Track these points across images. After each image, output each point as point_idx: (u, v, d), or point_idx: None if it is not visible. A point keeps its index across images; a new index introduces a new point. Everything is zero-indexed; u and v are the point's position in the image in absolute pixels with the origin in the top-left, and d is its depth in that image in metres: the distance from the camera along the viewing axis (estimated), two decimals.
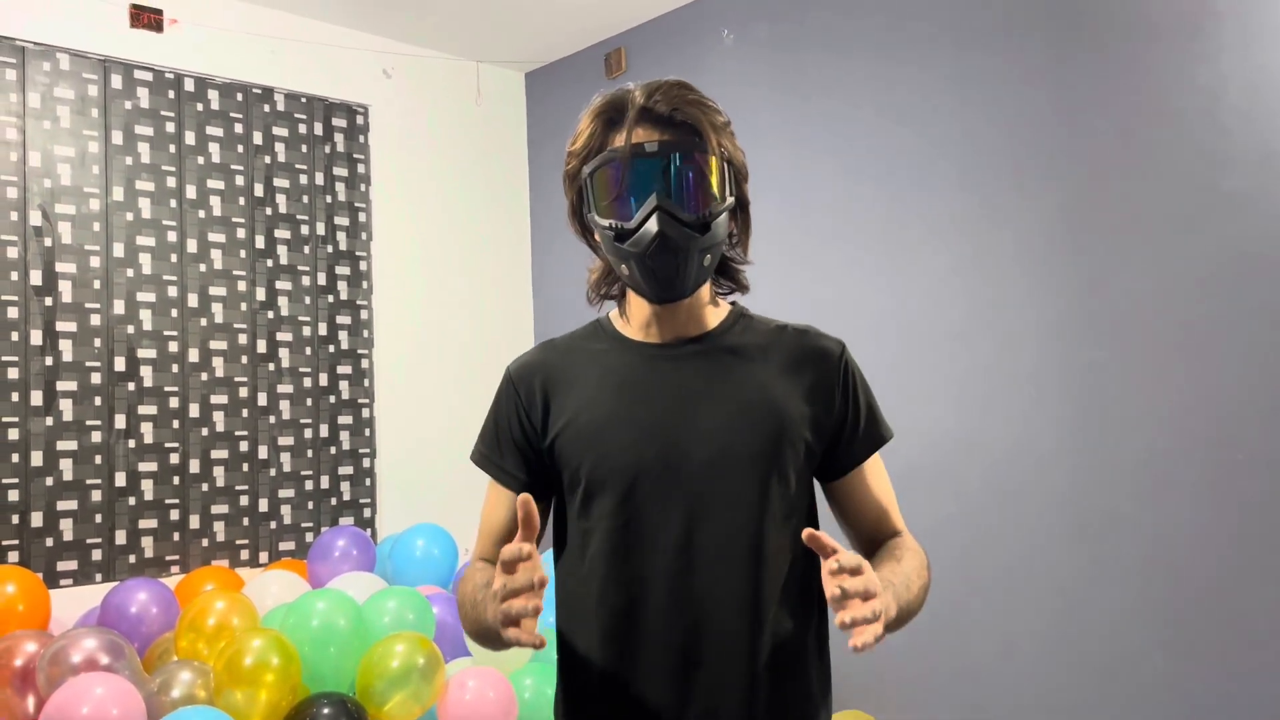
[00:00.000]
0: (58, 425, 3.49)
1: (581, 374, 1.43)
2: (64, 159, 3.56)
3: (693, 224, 1.32)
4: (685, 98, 1.35)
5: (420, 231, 4.41)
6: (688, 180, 1.33)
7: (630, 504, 1.35)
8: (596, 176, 1.37)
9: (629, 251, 1.33)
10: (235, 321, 3.89)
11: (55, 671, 2.78)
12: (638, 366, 1.41)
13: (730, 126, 1.39)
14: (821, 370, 1.41)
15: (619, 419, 1.38)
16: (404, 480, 4.28)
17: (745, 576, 1.33)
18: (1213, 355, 2.71)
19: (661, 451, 1.35)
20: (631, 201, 1.33)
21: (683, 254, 1.32)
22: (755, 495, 1.34)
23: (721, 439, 1.35)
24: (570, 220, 1.48)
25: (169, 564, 3.68)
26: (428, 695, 2.96)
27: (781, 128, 3.74)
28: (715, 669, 1.32)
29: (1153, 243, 2.82)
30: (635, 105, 1.35)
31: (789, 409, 1.37)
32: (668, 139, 1.33)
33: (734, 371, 1.39)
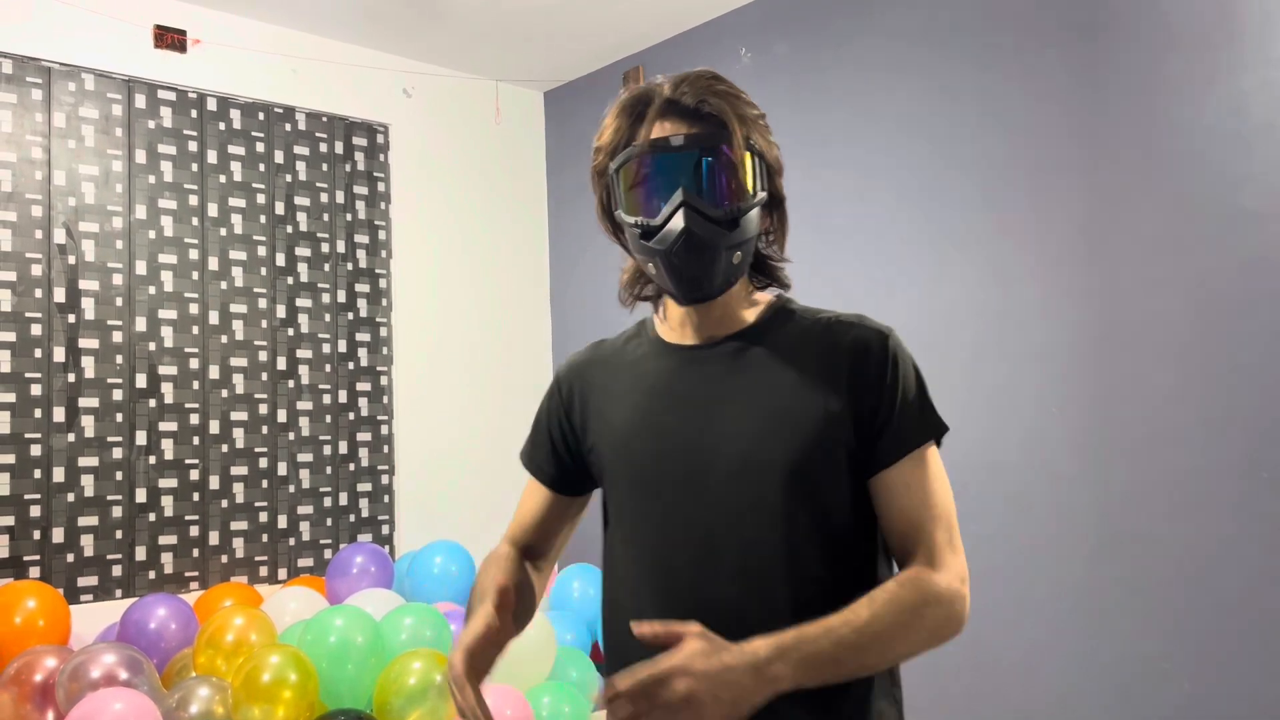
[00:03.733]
0: (79, 441, 3.51)
1: (618, 378, 1.41)
2: (88, 178, 3.60)
3: (720, 219, 1.26)
4: (713, 88, 1.30)
5: (439, 249, 4.43)
6: (715, 175, 1.27)
7: (656, 515, 1.32)
8: (622, 172, 1.32)
9: (655, 249, 1.28)
10: (255, 338, 3.91)
11: (75, 687, 2.79)
12: (668, 370, 1.37)
13: (764, 119, 1.33)
14: (859, 363, 1.28)
15: (647, 427, 1.34)
16: (422, 497, 4.28)
17: (773, 593, 1.24)
18: (1236, 372, 2.68)
19: (685, 462, 1.30)
20: (657, 198, 1.28)
21: (710, 251, 1.26)
22: (781, 505, 1.25)
23: (745, 446, 1.27)
24: (600, 218, 1.42)
25: (188, 580, 3.69)
26: (444, 712, 2.95)
27: (798, 145, 3.74)
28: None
29: (1174, 259, 2.80)
30: (661, 97, 1.30)
31: (820, 410, 1.27)
32: (694, 132, 1.28)
33: (765, 372, 1.31)
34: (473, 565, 3.84)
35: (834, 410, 1.27)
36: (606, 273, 4.50)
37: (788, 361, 1.31)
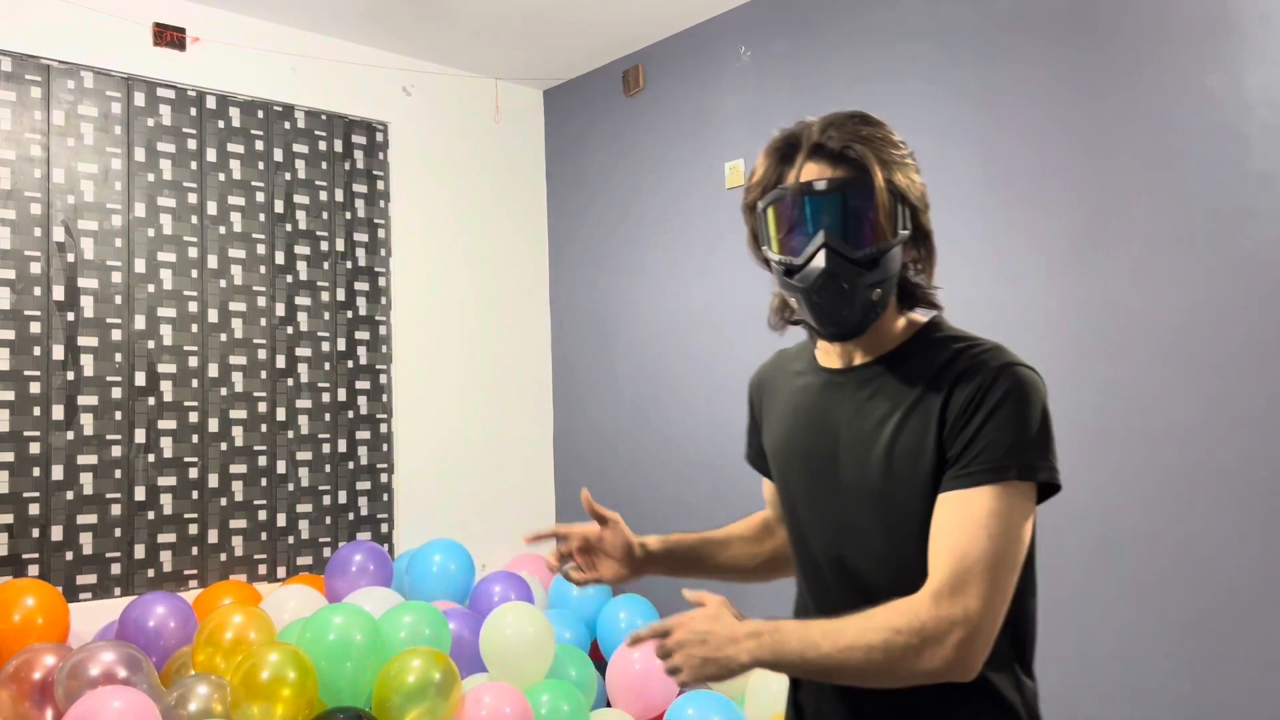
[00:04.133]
0: (78, 439, 3.51)
1: (779, 392, 1.55)
2: (87, 175, 3.60)
3: (860, 260, 1.32)
4: (859, 132, 1.34)
5: (439, 248, 4.43)
6: (856, 217, 1.32)
7: (796, 523, 1.47)
8: (770, 210, 1.38)
9: (798, 287, 1.35)
10: (255, 337, 3.91)
11: (74, 685, 2.79)
12: (813, 391, 1.47)
13: (909, 158, 1.37)
14: (956, 391, 1.30)
15: (789, 443, 1.47)
16: (421, 496, 4.28)
17: (889, 588, 1.29)
18: (1234, 371, 2.69)
19: (814, 478, 1.42)
20: (801, 238, 1.34)
21: (849, 291, 1.32)
22: (893, 523, 1.33)
23: (867, 467, 1.35)
24: (750, 249, 1.49)
25: (187, 578, 3.69)
26: (444, 710, 2.96)
27: None
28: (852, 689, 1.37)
29: (1174, 259, 2.80)
30: (809, 141, 1.35)
31: (923, 438, 1.31)
32: (837, 176, 1.33)
33: (888, 399, 1.36)
34: (471, 564, 3.84)
35: (935, 437, 1.30)
36: (605, 271, 4.50)
37: (912, 388, 1.35)
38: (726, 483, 3.96)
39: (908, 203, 1.36)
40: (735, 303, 3.94)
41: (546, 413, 4.71)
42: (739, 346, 3.93)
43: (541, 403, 4.70)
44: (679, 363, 4.15)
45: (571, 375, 4.65)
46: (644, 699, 3.47)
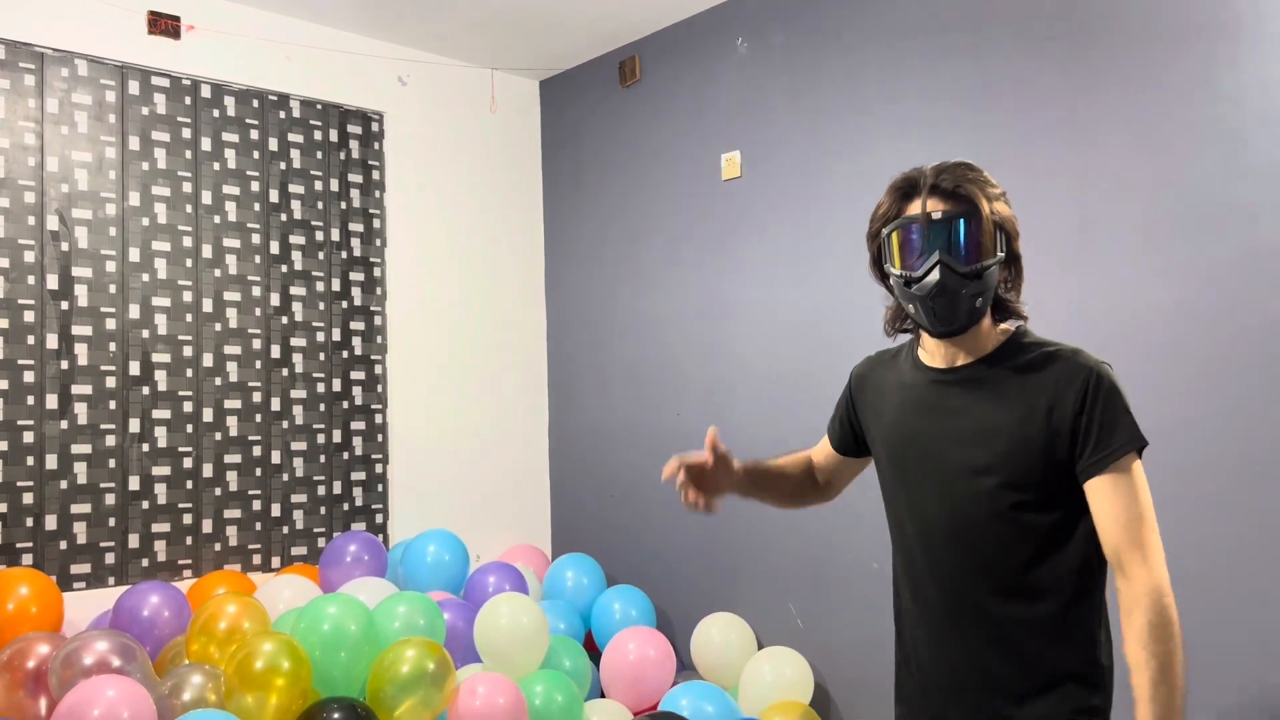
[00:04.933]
0: (72, 429, 3.50)
1: (885, 386, 1.85)
2: (81, 164, 3.59)
3: (967, 274, 1.64)
4: (966, 176, 1.68)
5: (434, 238, 4.43)
6: (964, 240, 1.65)
7: (901, 497, 1.76)
8: (892, 236, 1.71)
9: (915, 295, 1.67)
10: (249, 327, 3.91)
11: (67, 674, 2.79)
12: (920, 387, 1.77)
13: (1005, 196, 1.71)
14: (1066, 391, 1.63)
15: (902, 429, 1.77)
16: (416, 487, 4.28)
17: (989, 565, 1.64)
18: (1231, 366, 2.69)
19: (925, 461, 1.72)
20: (919, 256, 1.67)
21: (957, 298, 1.65)
22: (999, 503, 1.63)
23: (972, 454, 1.66)
24: (871, 269, 1.83)
25: (181, 568, 3.69)
26: (438, 701, 2.96)
27: (792, 134, 3.74)
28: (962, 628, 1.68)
29: (1170, 252, 2.81)
30: (927, 182, 1.69)
31: (1029, 428, 1.63)
32: (950, 208, 1.66)
33: (990, 395, 1.68)
34: (466, 554, 3.84)
35: (1044, 429, 1.62)
36: (600, 262, 4.49)
37: (1010, 386, 1.67)
38: None
39: (1004, 231, 1.69)
40: (731, 295, 3.94)
41: (542, 404, 4.71)
42: (735, 338, 3.93)
43: (537, 394, 4.70)
44: (675, 354, 4.15)
45: (567, 366, 4.65)
46: (638, 689, 3.48)
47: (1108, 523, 1.60)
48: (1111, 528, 1.59)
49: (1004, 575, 1.64)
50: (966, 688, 1.67)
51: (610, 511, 4.39)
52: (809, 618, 3.65)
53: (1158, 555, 1.58)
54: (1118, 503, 1.59)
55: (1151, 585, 1.55)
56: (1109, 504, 1.60)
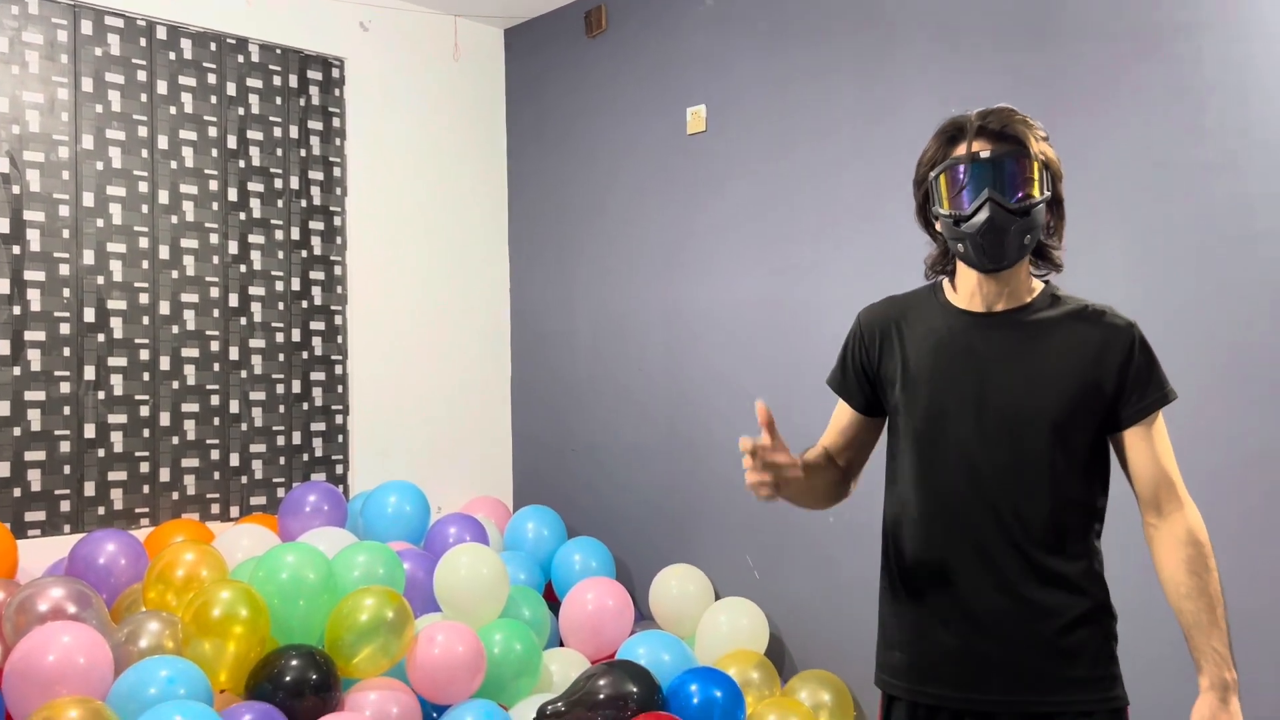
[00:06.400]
0: (25, 375, 3.46)
1: (914, 328, 1.82)
2: (32, 105, 3.50)
3: (1015, 210, 1.67)
4: (1013, 118, 1.72)
5: (395, 188, 4.38)
6: (1012, 178, 1.68)
7: (941, 439, 1.74)
8: (941, 178, 1.74)
9: (965, 233, 1.69)
10: (207, 275, 3.86)
11: (22, 620, 2.78)
12: (957, 330, 1.77)
13: (1049, 140, 1.74)
14: (1110, 343, 1.71)
15: (935, 371, 1.76)
16: (377, 438, 4.27)
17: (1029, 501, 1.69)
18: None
19: (967, 402, 1.72)
20: (968, 195, 1.69)
21: (1006, 234, 1.67)
22: (1041, 443, 1.69)
23: (1017, 396, 1.70)
24: (916, 217, 1.85)
25: (139, 516, 3.67)
26: (396, 648, 2.98)
27: (758, 87, 3.73)
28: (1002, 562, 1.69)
29: (1124, 210, 2.84)
30: (973, 125, 1.72)
31: (1076, 376, 1.69)
32: (997, 148, 1.69)
33: (1035, 342, 1.72)
34: (426, 506, 3.85)
35: (1088, 379, 1.69)
36: (564, 213, 4.47)
37: (1053, 335, 1.72)
38: (684, 426, 3.99)
39: (1050, 170, 1.72)
40: (695, 249, 3.94)
41: (504, 356, 4.70)
42: (698, 289, 3.94)
43: (499, 346, 4.69)
44: (637, 309, 4.16)
45: (530, 318, 4.64)
46: (596, 638, 3.52)
47: (1150, 466, 1.72)
48: (1153, 471, 1.72)
49: (1048, 515, 1.69)
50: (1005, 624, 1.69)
51: (572, 464, 4.41)
52: (765, 570, 3.70)
53: (1188, 495, 1.73)
54: (1158, 447, 1.72)
55: (1195, 519, 1.70)
56: (1149, 448, 1.72)
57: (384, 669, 2.99)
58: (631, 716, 2.97)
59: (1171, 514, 1.72)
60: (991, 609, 1.69)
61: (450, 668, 3.01)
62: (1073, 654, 1.69)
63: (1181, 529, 1.70)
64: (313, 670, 2.82)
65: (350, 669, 2.95)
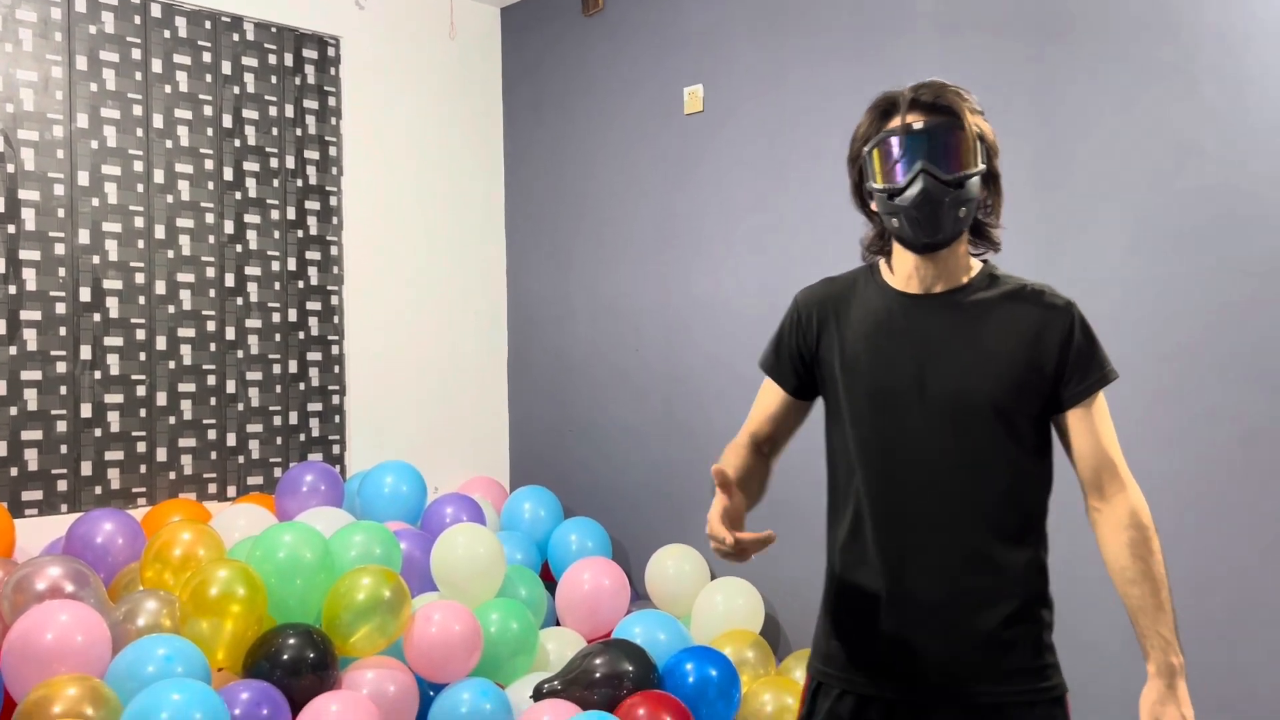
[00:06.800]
0: (21, 355, 3.45)
1: (852, 310, 1.78)
2: (26, 83, 3.49)
3: (950, 182, 1.63)
4: (946, 90, 1.69)
5: (391, 167, 4.37)
6: (946, 150, 1.65)
7: (881, 419, 1.70)
8: (875, 151, 1.70)
9: (899, 206, 1.66)
10: (203, 254, 3.85)
11: (20, 598, 2.78)
12: (896, 311, 1.73)
13: (983, 113, 1.71)
14: (1050, 323, 1.68)
15: (875, 354, 1.72)
16: (373, 418, 4.28)
17: (970, 485, 1.66)
18: (1171, 308, 2.74)
19: (908, 382, 1.68)
20: (902, 168, 1.66)
21: (941, 207, 1.64)
22: (984, 424, 1.66)
23: (958, 378, 1.67)
24: (852, 196, 1.81)
25: (135, 496, 3.67)
26: (393, 628, 2.99)
27: (758, 71, 3.72)
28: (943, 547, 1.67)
29: (1120, 194, 2.84)
30: (906, 98, 1.69)
31: (1017, 356, 1.67)
32: (931, 119, 1.66)
33: (975, 323, 1.69)
34: (423, 486, 3.86)
35: (1029, 360, 1.66)
36: (560, 193, 4.46)
37: (992, 316, 1.69)
38: (679, 407, 3.99)
39: (985, 143, 1.69)
40: (692, 230, 3.94)
41: (501, 337, 4.70)
42: (695, 273, 3.93)
43: (495, 326, 4.69)
44: (634, 289, 4.15)
45: (526, 299, 4.64)
46: (593, 618, 3.53)
47: (1092, 447, 1.69)
48: (1094, 451, 1.69)
49: (990, 497, 1.66)
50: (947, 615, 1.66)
51: (568, 445, 4.42)
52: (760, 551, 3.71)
53: (1131, 476, 1.71)
54: (1100, 428, 1.69)
55: (1139, 500, 1.68)
56: (1091, 430, 1.69)
57: (381, 648, 3.01)
58: (627, 695, 2.99)
59: (1114, 496, 1.69)
60: (934, 599, 1.66)
61: (447, 646, 3.02)
62: (1012, 644, 1.66)
63: (1124, 511, 1.68)
64: (310, 649, 2.83)
65: (347, 648, 2.97)
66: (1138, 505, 1.68)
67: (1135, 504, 1.68)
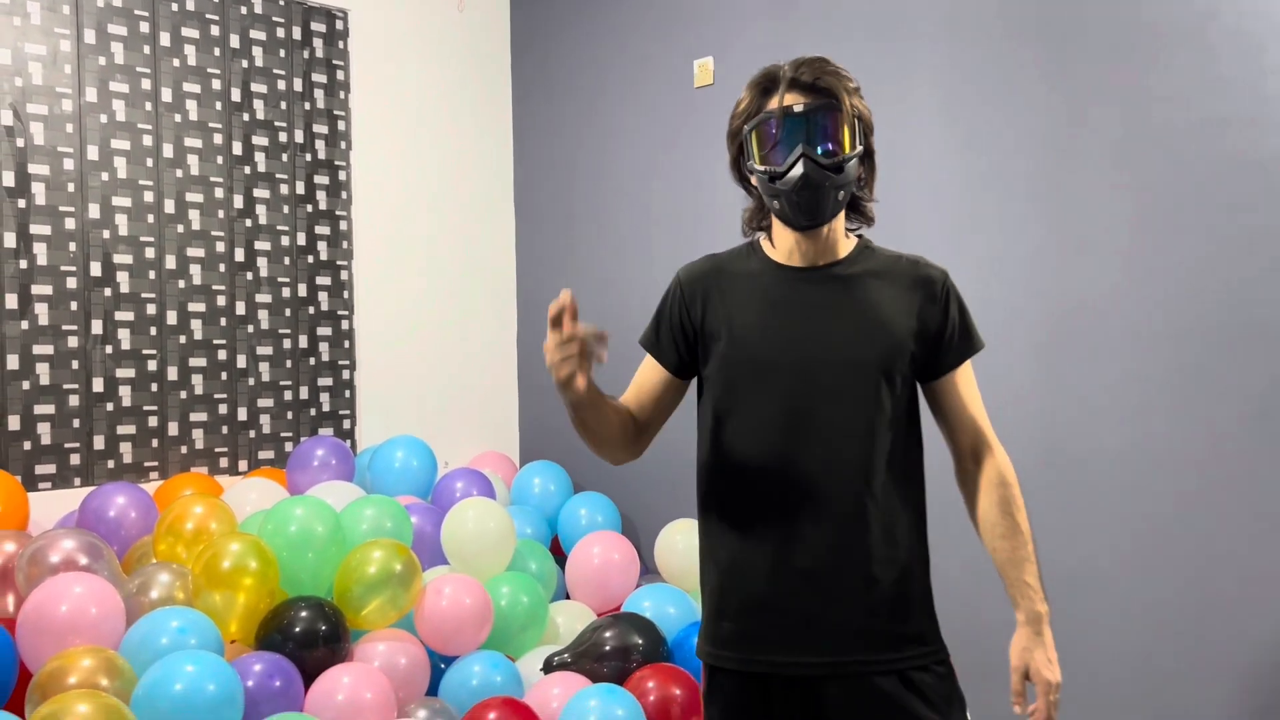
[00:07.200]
0: (33, 329, 3.46)
1: (736, 286, 1.80)
2: (35, 57, 3.48)
3: (830, 166, 1.66)
4: (825, 69, 1.71)
5: (400, 142, 4.35)
6: (826, 133, 1.68)
7: (771, 391, 1.72)
8: (754, 133, 1.72)
9: (780, 190, 1.68)
10: (212, 229, 3.85)
11: (34, 571, 2.80)
12: (781, 286, 1.77)
13: (860, 91, 1.73)
14: (927, 293, 1.75)
15: (761, 328, 1.74)
16: (384, 393, 4.29)
17: (860, 449, 1.69)
18: (1186, 278, 2.72)
19: (795, 355, 1.71)
20: (782, 150, 1.68)
21: (821, 190, 1.67)
22: (870, 390, 1.70)
23: (845, 345, 1.71)
24: (731, 170, 1.83)
25: (148, 470, 3.69)
26: (405, 601, 3.01)
27: (768, 44, 3.69)
28: (835, 516, 1.68)
29: (1133, 164, 2.81)
30: (785, 77, 1.71)
31: (899, 323, 1.72)
32: (810, 101, 1.68)
33: (857, 293, 1.74)
34: (433, 460, 3.87)
35: (907, 323, 1.73)
36: (570, 167, 4.45)
37: (873, 285, 1.75)
38: None
39: (862, 123, 1.72)
40: (701, 200, 3.92)
41: (510, 311, 4.70)
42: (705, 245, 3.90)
43: (505, 301, 4.69)
44: (643, 264, 4.14)
45: (536, 272, 4.63)
46: (602, 592, 3.55)
47: (969, 409, 1.78)
48: (969, 417, 1.78)
49: (876, 464, 1.69)
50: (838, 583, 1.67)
51: None
52: None
53: (996, 438, 1.80)
54: (973, 391, 1.79)
55: (1006, 461, 1.78)
56: (967, 393, 1.78)
57: (392, 620, 3.03)
58: (637, 668, 3.00)
59: (984, 458, 1.78)
60: (824, 567, 1.67)
61: (458, 619, 3.04)
62: (905, 610, 1.70)
63: (994, 472, 1.76)
64: (322, 621, 2.86)
65: (359, 620, 2.99)
66: (1005, 465, 1.77)
67: (1004, 464, 1.77)
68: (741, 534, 1.73)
